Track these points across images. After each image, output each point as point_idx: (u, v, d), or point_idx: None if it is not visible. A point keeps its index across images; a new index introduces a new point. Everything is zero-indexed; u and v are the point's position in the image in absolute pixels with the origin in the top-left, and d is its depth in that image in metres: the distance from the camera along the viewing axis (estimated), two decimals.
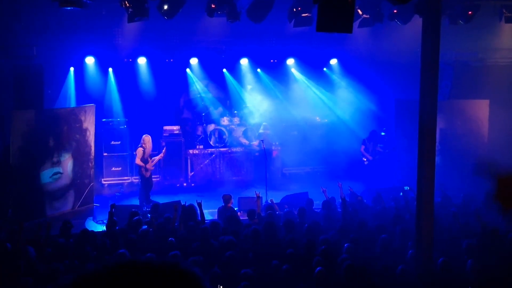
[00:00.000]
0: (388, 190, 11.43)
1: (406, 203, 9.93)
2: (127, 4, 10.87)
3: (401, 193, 11.51)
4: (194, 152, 15.72)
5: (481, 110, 14.56)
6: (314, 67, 16.77)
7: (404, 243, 7.71)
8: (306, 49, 15.96)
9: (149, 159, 12.91)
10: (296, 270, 6.65)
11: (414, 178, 7.38)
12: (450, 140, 14.30)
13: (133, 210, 10.07)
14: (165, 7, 11.14)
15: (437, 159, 7.41)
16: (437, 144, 7.61)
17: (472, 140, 14.36)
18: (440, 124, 9.23)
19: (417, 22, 11.32)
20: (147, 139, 12.93)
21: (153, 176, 13.57)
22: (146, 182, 12.85)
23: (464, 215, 9.15)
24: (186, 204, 9.75)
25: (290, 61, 16.79)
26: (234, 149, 15.88)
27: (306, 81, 16.95)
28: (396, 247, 7.53)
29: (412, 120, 9.38)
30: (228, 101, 16.72)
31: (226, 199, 10.76)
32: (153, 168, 13.03)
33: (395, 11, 12.63)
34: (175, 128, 15.59)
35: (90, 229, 9.48)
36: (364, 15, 12.54)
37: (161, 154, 13.35)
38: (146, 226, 8.87)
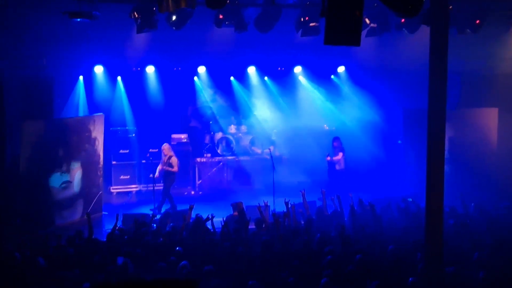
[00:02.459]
0: (396, 200, 11.35)
1: (414, 213, 9.88)
2: (136, 15, 10.94)
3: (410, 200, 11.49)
4: (202, 160, 15.76)
5: (490, 118, 14.49)
6: (322, 75, 16.80)
7: (415, 254, 7.66)
8: (313, 58, 15.96)
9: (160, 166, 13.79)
10: (303, 282, 6.61)
11: (423, 187, 7.33)
12: (459, 149, 14.24)
13: (140, 219, 10.08)
14: (174, 18, 11.20)
15: (446, 168, 7.37)
16: (446, 153, 7.56)
17: (481, 149, 14.29)
18: (448, 133, 9.18)
19: (424, 30, 11.31)
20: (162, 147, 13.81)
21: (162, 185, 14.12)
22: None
23: (475, 226, 9.08)
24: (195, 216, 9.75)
25: (298, 69, 16.82)
26: (241, 158, 15.90)
27: (313, 89, 16.96)
28: (407, 258, 7.46)
29: (420, 129, 9.35)
30: (238, 109, 16.77)
31: (235, 207, 10.75)
32: (157, 175, 13.83)
33: (402, 20, 12.63)
34: (183, 137, 15.65)
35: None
36: (372, 24, 12.55)
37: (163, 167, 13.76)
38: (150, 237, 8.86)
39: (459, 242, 8.15)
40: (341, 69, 16.96)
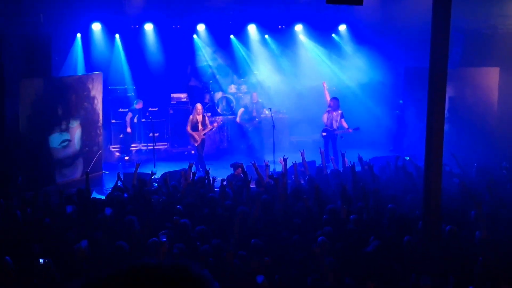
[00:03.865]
0: (394, 159, 11.37)
1: (412, 172, 9.90)
2: None
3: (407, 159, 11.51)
4: None
5: (491, 78, 14.39)
6: (323, 34, 16.56)
7: (414, 212, 7.71)
8: (315, 13, 15.70)
9: (200, 126, 13.11)
10: (304, 240, 6.68)
11: (422, 146, 7.34)
12: (459, 108, 14.19)
13: (141, 178, 10.12)
14: None
15: (446, 127, 7.36)
16: (446, 112, 7.54)
17: (481, 108, 14.24)
18: (449, 92, 9.12)
19: None
20: (197, 107, 13.27)
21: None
22: (197, 150, 13.36)
23: (474, 185, 9.12)
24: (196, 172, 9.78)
25: (298, 27, 16.59)
26: (244, 116, 15.81)
27: (314, 48, 16.76)
28: (406, 217, 7.51)
29: (421, 88, 9.29)
30: (238, 69, 16.62)
31: (235, 167, 10.76)
32: (204, 136, 13.27)
33: None
34: (182, 96, 15.57)
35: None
36: None
37: (215, 124, 13.40)
38: (156, 196, 8.90)
39: (458, 201, 8.19)
40: (342, 27, 16.71)
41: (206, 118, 13.52)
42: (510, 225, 7.28)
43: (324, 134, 13.69)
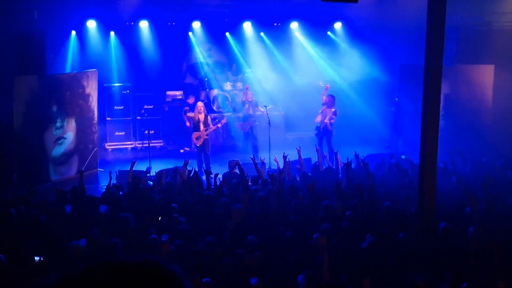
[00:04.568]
0: (389, 157, 11.39)
1: (407, 169, 9.92)
2: None
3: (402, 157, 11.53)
4: None
5: (486, 75, 14.42)
6: (318, 31, 16.55)
7: (408, 209, 7.73)
8: (310, 11, 15.68)
9: (201, 126, 12.86)
10: (300, 236, 6.68)
11: (417, 143, 7.36)
12: (454, 105, 14.22)
13: (137, 175, 10.10)
14: None
15: (441, 123, 7.38)
16: (441, 109, 7.55)
17: (476, 105, 14.28)
18: (444, 89, 9.15)
19: None
20: (198, 105, 13.03)
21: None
22: (198, 150, 12.96)
23: (470, 182, 9.14)
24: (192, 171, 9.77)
25: (294, 25, 16.58)
26: (237, 114, 15.81)
27: (309, 45, 16.76)
28: (402, 214, 7.52)
29: (417, 85, 9.31)
30: (234, 64, 16.60)
31: (232, 165, 10.76)
32: (206, 136, 12.92)
33: None
34: (178, 93, 15.54)
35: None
36: None
37: (219, 124, 13.31)
38: (150, 194, 8.89)
39: (454, 198, 8.22)
40: (337, 25, 16.71)
41: (209, 117, 13.37)
42: (504, 221, 7.30)
43: (316, 132, 13.70)
